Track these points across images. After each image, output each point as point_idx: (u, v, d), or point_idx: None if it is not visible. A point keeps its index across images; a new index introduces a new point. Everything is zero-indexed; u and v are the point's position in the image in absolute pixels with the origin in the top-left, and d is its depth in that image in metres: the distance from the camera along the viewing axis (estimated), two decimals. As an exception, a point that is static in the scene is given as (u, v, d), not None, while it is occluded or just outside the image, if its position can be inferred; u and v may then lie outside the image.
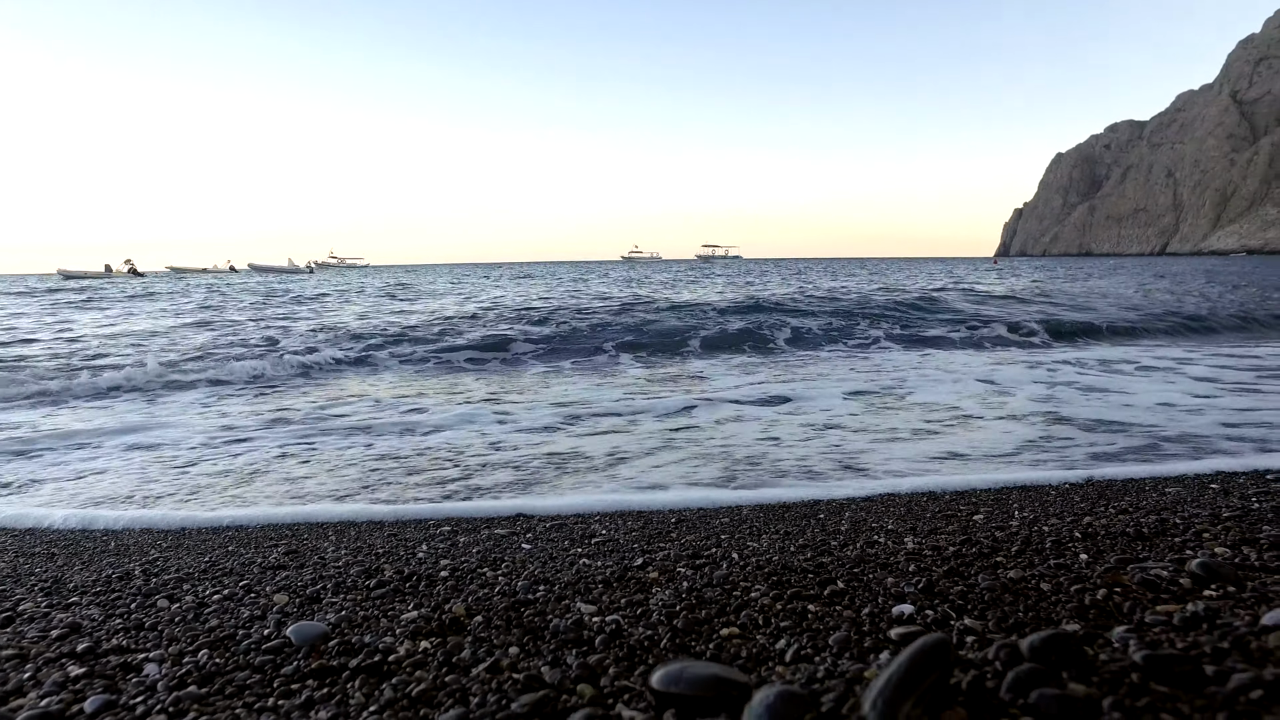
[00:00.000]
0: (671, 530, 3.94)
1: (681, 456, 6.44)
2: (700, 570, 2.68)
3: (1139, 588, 1.97)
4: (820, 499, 4.81)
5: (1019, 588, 2.08)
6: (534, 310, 23.37)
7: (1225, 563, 2.19)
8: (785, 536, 3.49)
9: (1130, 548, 2.79)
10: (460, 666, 1.66)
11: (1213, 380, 9.92)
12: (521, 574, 2.88)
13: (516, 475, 5.96)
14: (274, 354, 13.70)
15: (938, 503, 4.44)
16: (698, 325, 18.18)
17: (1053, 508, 4.06)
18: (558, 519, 4.60)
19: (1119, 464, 5.80)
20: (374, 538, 4.21)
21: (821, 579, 2.37)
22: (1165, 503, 4.00)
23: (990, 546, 2.87)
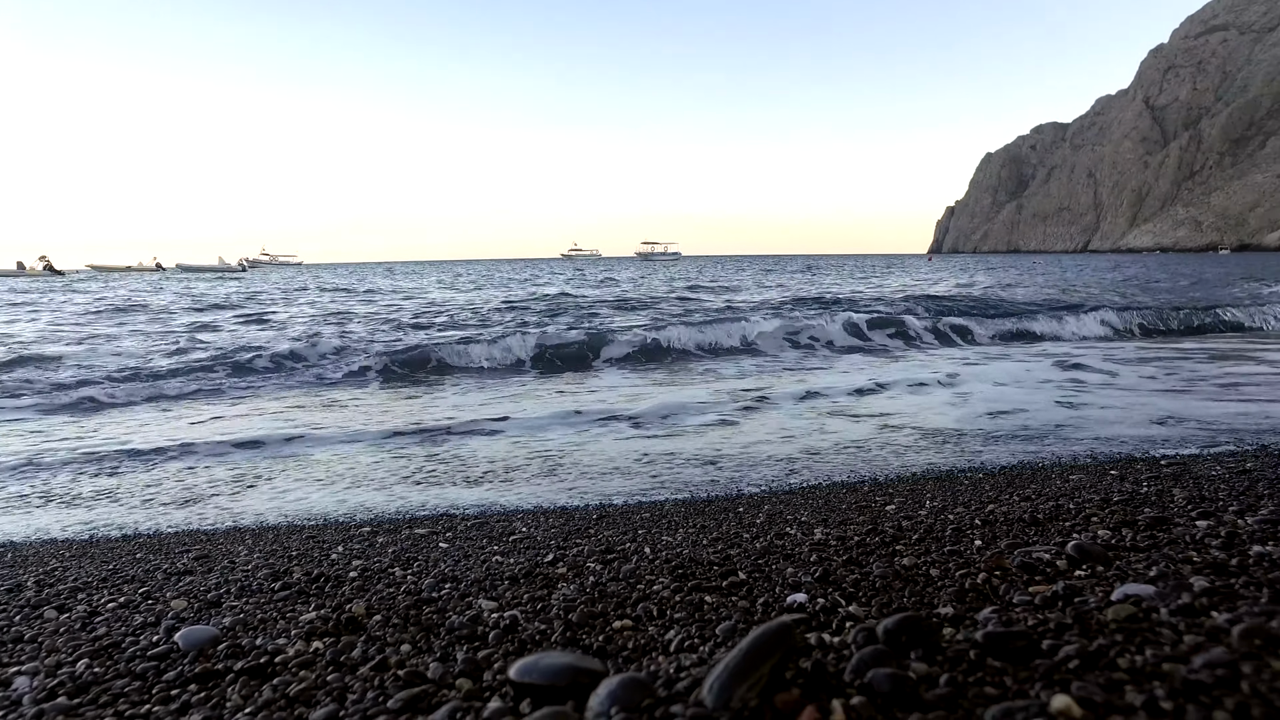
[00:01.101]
0: (592, 526, 3.96)
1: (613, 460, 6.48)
2: (610, 565, 2.71)
3: (1018, 570, 2.06)
4: (743, 493, 4.91)
5: (910, 574, 2.16)
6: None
7: (1098, 544, 2.31)
8: (701, 530, 3.54)
9: (1023, 533, 2.92)
10: (347, 665, 1.65)
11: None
12: (431, 572, 2.87)
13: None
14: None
15: (856, 494, 4.56)
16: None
17: (962, 496, 4.20)
18: (482, 517, 4.58)
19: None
20: (291, 540, 4.13)
21: (725, 571, 2.42)
22: (1066, 489, 4.18)
23: (894, 535, 2.96)
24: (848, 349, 14.42)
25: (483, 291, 36.69)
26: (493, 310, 23.59)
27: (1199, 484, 3.94)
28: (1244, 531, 2.50)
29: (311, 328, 18.27)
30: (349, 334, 16.22)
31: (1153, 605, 1.38)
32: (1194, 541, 2.41)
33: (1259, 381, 9.62)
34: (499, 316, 21.37)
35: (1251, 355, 12.34)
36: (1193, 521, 2.80)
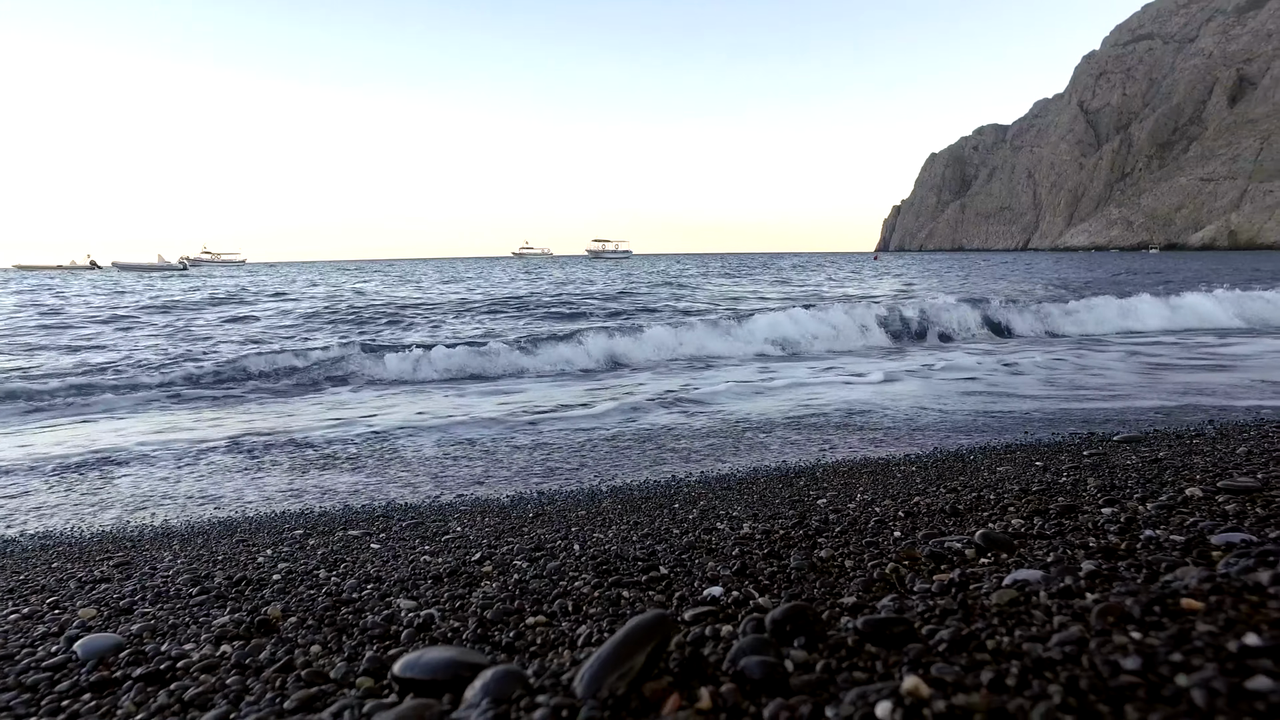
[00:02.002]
0: (527, 525, 3.96)
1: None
2: (536, 562, 2.71)
3: (927, 560, 2.13)
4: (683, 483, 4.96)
5: (825, 566, 2.21)
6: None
7: (1006, 533, 2.40)
8: (634, 527, 3.56)
9: (943, 524, 3.00)
10: (252, 668, 1.62)
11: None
12: (356, 573, 2.83)
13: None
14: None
15: (792, 488, 4.63)
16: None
17: (893, 489, 4.30)
18: (418, 517, 4.54)
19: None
20: (220, 545, 4.03)
21: (647, 566, 2.45)
22: (992, 480, 4.31)
23: (819, 528, 3.02)
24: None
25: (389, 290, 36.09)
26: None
27: (1113, 473, 4.09)
28: (1141, 517, 2.62)
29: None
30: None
31: (1035, 589, 1.44)
32: (1095, 528, 2.51)
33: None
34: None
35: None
36: (1099, 509, 2.92)
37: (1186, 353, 12.65)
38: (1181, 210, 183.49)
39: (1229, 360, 11.58)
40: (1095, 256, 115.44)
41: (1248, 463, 3.98)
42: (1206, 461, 4.23)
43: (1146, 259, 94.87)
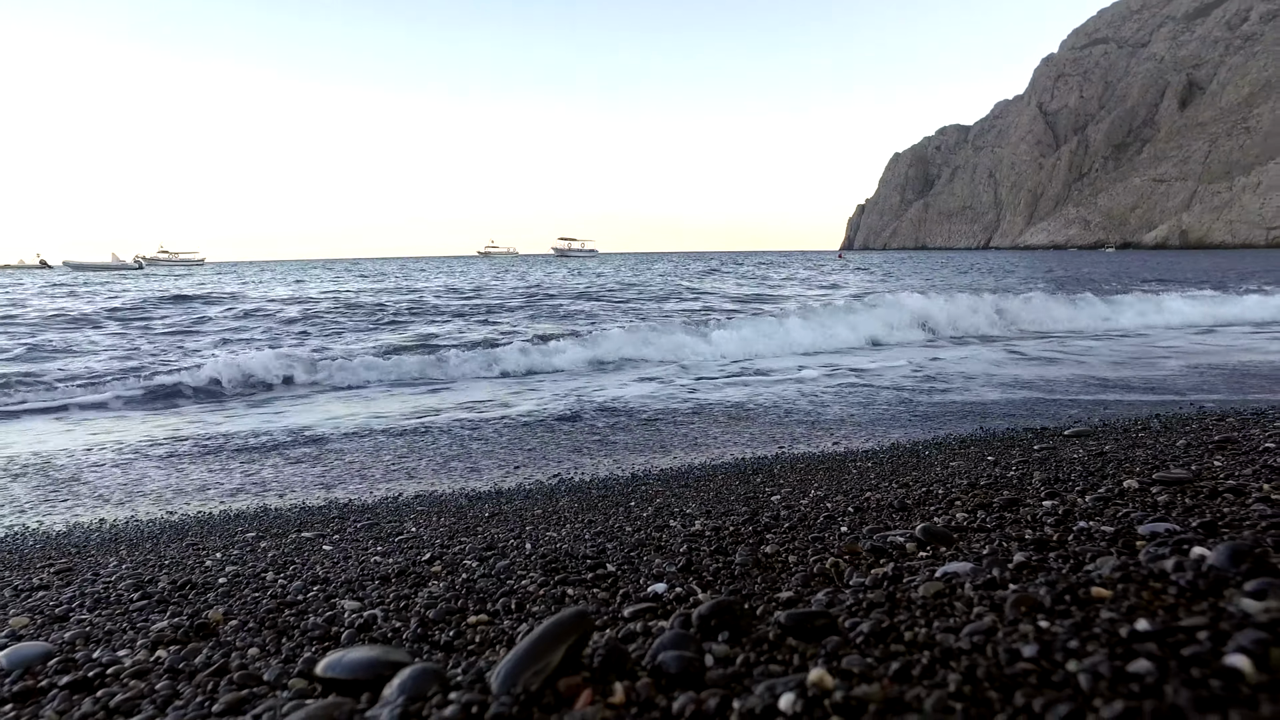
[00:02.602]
0: (483, 524, 3.95)
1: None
2: (486, 562, 2.71)
3: (868, 554, 2.16)
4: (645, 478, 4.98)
5: (769, 562, 2.24)
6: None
7: (946, 527, 2.45)
8: (588, 525, 3.57)
9: (890, 518, 3.05)
10: (185, 672, 1.60)
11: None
12: (304, 575, 2.80)
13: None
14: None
15: (748, 485, 4.67)
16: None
17: (847, 484, 4.36)
18: (374, 518, 4.50)
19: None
20: (169, 549, 3.96)
21: (595, 564, 2.46)
22: (943, 475, 4.38)
23: (768, 524, 3.05)
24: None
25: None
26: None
27: (1059, 467, 4.18)
28: (1078, 509, 2.69)
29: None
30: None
31: (961, 581, 1.47)
32: (1033, 520, 2.58)
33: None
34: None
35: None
36: (1040, 501, 2.99)
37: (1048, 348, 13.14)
38: (1136, 210, 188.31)
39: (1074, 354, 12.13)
40: (1052, 255, 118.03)
41: (1185, 455, 4.10)
42: (1148, 454, 4.33)
43: (1101, 257, 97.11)
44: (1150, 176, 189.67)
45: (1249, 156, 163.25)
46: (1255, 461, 3.51)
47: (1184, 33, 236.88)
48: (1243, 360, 11.16)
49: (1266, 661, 0.84)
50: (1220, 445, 4.22)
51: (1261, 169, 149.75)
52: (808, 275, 47.70)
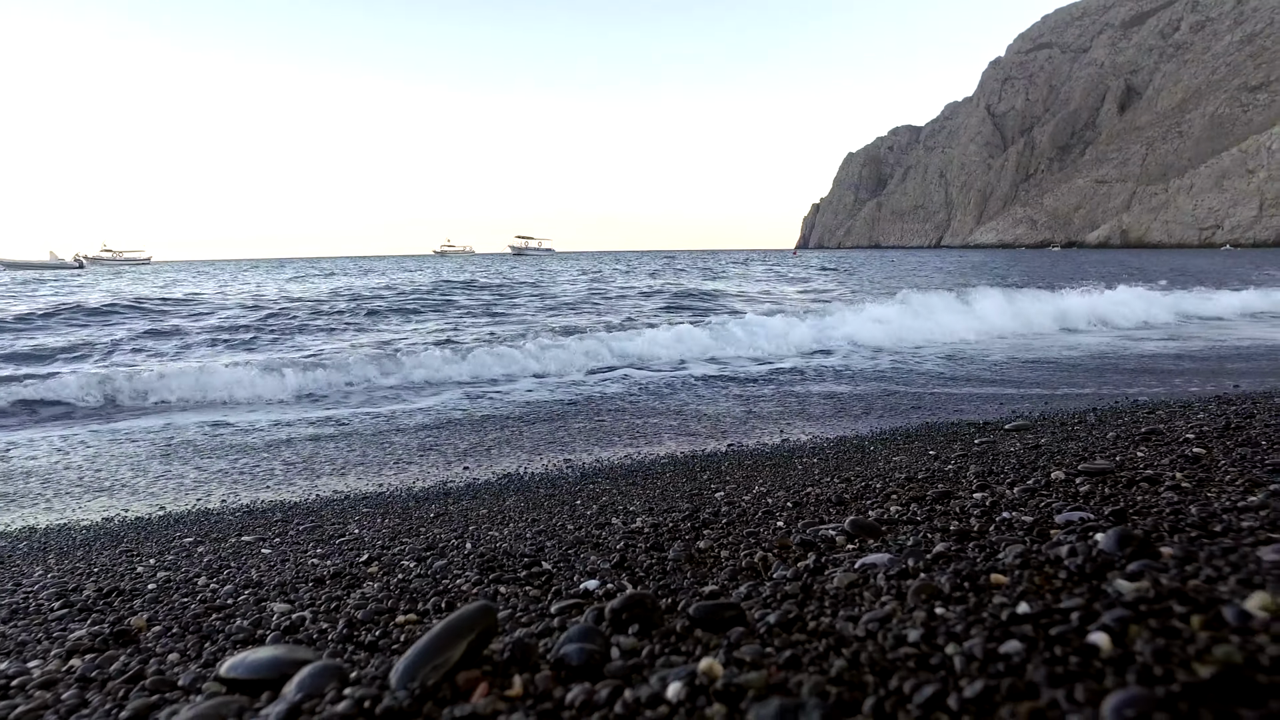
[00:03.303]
0: (426, 525, 3.91)
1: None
2: (423, 562, 2.70)
3: (798, 548, 2.20)
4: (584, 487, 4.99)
5: (701, 557, 2.26)
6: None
7: (874, 520, 2.50)
8: (531, 524, 3.57)
9: (827, 512, 3.10)
10: (98, 680, 1.56)
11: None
12: (238, 579, 2.75)
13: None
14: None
15: (694, 483, 4.70)
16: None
17: (790, 480, 4.42)
18: (318, 521, 4.43)
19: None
20: (101, 556, 3.85)
21: (531, 562, 2.46)
22: (885, 469, 4.46)
23: (707, 520, 3.08)
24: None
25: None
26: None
27: (995, 460, 4.29)
28: (1005, 501, 2.77)
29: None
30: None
31: (876, 572, 1.52)
32: (961, 512, 2.64)
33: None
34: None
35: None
36: (971, 494, 3.06)
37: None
38: (1079, 210, 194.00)
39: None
40: (1002, 254, 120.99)
41: (1113, 446, 4.23)
42: (1079, 447, 4.46)
43: (1048, 256, 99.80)
44: (1093, 178, 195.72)
45: (1182, 160, 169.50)
46: (1174, 452, 3.64)
47: (1121, 40, 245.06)
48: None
49: (1124, 638, 0.89)
50: (1146, 437, 4.36)
51: (1194, 172, 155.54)
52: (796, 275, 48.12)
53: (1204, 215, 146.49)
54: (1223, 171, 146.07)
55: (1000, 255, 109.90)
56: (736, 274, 45.23)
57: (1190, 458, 3.38)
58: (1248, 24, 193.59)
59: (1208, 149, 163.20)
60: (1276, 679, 0.74)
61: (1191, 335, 14.66)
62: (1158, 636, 0.87)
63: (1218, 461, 3.20)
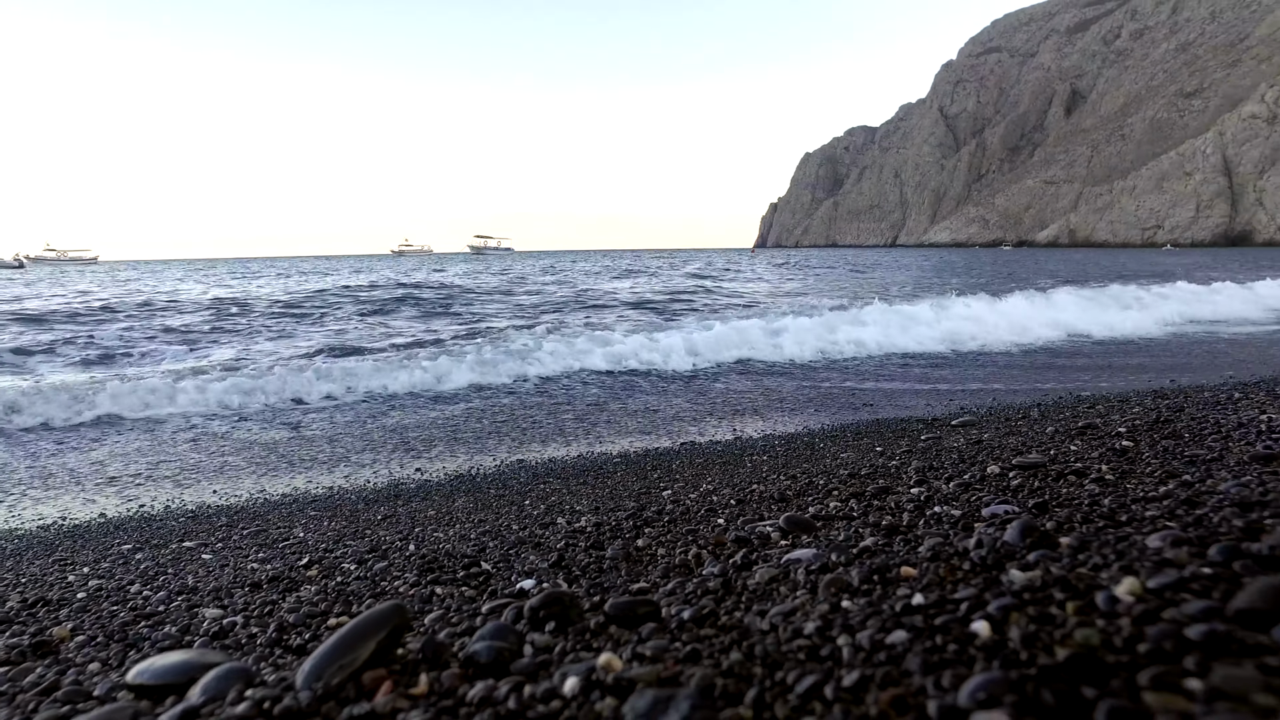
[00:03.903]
0: (373, 527, 3.88)
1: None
2: (364, 564, 2.68)
3: (733, 544, 2.23)
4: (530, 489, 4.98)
5: (639, 555, 2.28)
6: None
7: (812, 516, 2.55)
8: (478, 524, 3.56)
9: (767, 509, 3.14)
10: (7, 695, 1.52)
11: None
12: (172, 586, 2.70)
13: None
14: None
15: (643, 481, 4.73)
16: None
17: (739, 477, 4.47)
18: (263, 525, 4.35)
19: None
20: (33, 565, 3.73)
21: (471, 563, 2.46)
22: (830, 466, 4.53)
23: (651, 519, 3.11)
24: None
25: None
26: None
27: (938, 455, 4.38)
28: (939, 495, 2.84)
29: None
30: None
31: (798, 567, 1.55)
32: (896, 507, 2.70)
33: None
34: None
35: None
36: (909, 489, 3.13)
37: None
38: (1029, 210, 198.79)
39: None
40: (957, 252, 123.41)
41: (1050, 440, 4.35)
42: (1019, 441, 4.57)
43: (1001, 254, 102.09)
44: (1041, 179, 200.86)
45: (1125, 162, 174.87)
46: (1105, 445, 3.76)
47: (1067, 45, 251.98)
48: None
49: (1003, 625, 0.93)
50: (1081, 431, 4.47)
51: (1136, 174, 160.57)
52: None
53: (1146, 216, 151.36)
54: (1162, 174, 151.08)
55: (959, 254, 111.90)
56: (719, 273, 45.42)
57: (1118, 451, 3.49)
58: (1182, 33, 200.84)
59: (1148, 152, 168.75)
60: (1123, 658, 0.78)
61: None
62: (1032, 623, 0.91)
63: (1142, 454, 3.32)
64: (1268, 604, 0.83)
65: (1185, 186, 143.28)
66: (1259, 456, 2.79)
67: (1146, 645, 0.79)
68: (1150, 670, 0.73)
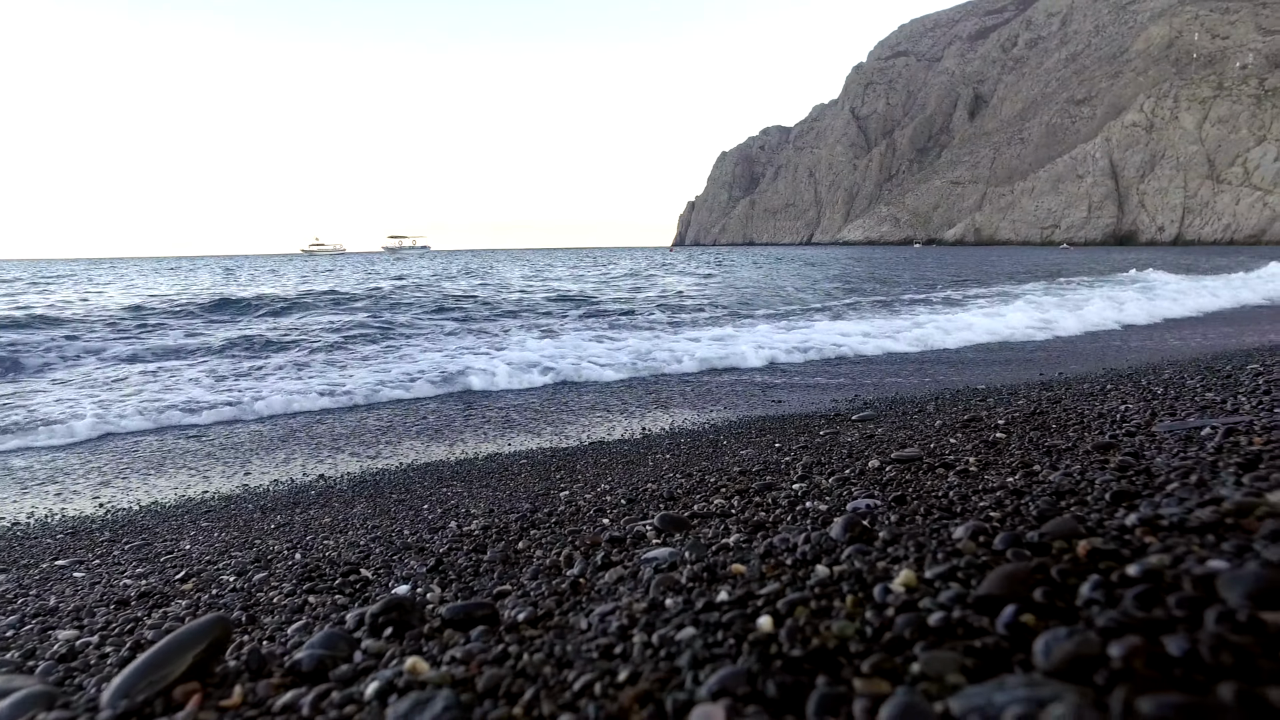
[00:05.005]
0: (263, 537, 3.79)
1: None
2: (244, 575, 2.63)
3: (607, 544, 2.28)
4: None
5: (516, 557, 2.32)
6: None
7: (691, 514, 2.63)
8: (370, 530, 3.52)
9: (655, 508, 3.20)
10: None
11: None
12: (30, 608, 2.59)
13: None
14: None
15: (546, 482, 4.74)
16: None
17: (639, 476, 4.53)
18: (149, 539, 4.19)
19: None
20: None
21: (350, 570, 2.44)
22: (726, 464, 4.62)
23: (540, 520, 3.14)
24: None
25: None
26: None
27: (831, 450, 4.52)
28: (817, 491, 2.94)
29: None
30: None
31: (648, 566, 1.62)
32: (772, 504, 2.81)
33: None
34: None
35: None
36: (791, 485, 3.24)
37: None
38: (938, 209, 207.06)
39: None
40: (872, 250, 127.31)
41: (935, 434, 4.55)
42: (907, 435, 4.77)
43: (911, 252, 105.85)
44: (948, 179, 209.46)
45: (1024, 164, 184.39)
46: (981, 437, 3.96)
47: (969, 51, 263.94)
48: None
49: (787, 618, 1.01)
50: (966, 424, 4.66)
51: (1034, 175, 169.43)
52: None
53: (1044, 216, 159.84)
54: (1058, 176, 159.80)
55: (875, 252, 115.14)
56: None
57: (990, 443, 3.68)
58: (1071, 44, 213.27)
59: (1045, 155, 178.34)
60: (863, 648, 0.87)
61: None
62: (813, 616, 1.00)
63: (1010, 446, 3.52)
64: (1002, 590, 0.94)
65: (1078, 189, 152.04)
66: (1100, 445, 3.02)
67: (890, 634, 0.88)
68: (872, 658, 0.82)
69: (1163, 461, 2.23)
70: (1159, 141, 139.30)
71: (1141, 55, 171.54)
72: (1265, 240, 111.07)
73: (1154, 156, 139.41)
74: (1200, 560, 0.94)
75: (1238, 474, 1.63)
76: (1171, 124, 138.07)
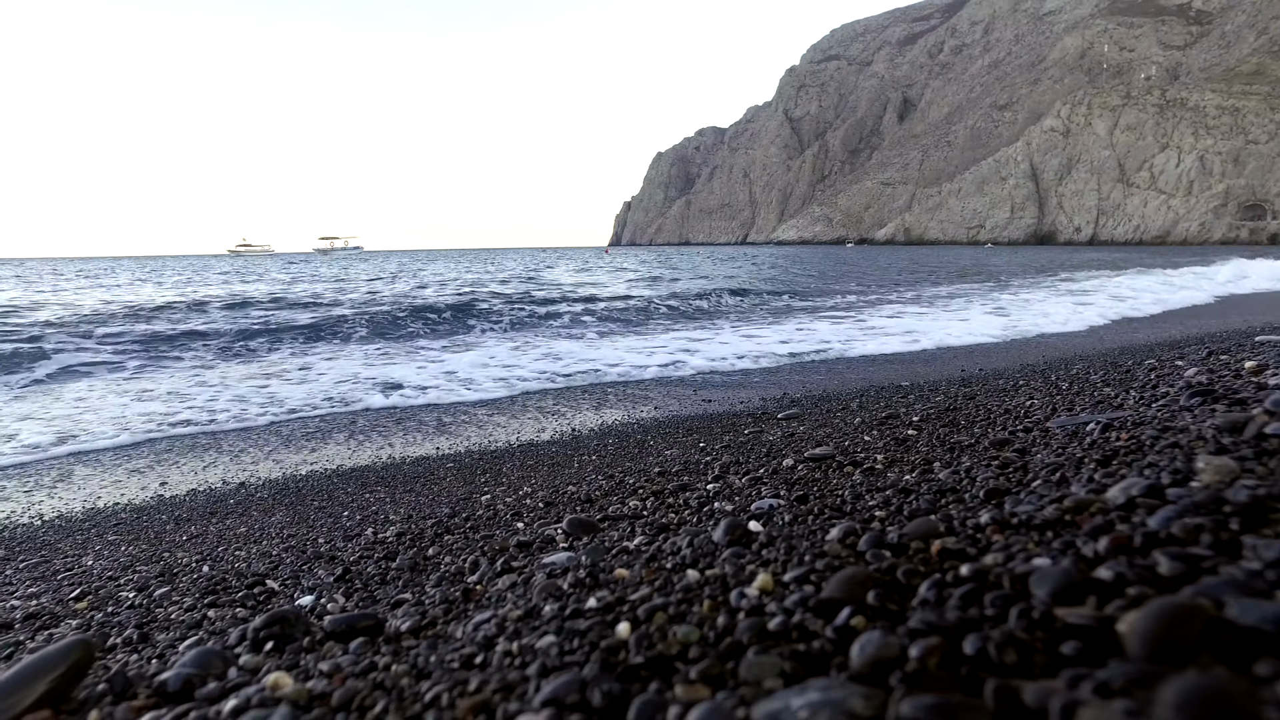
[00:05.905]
0: (170, 551, 3.68)
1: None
2: (145, 591, 2.56)
3: (515, 549, 2.31)
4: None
5: (427, 563, 2.33)
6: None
7: (602, 517, 2.67)
8: (285, 540, 3.46)
9: (572, 510, 3.23)
10: None
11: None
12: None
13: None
14: None
15: (470, 486, 4.71)
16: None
17: (561, 479, 4.54)
18: (49, 554, 4.01)
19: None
20: None
21: (254, 582, 2.41)
22: (648, 464, 4.66)
23: (456, 525, 3.13)
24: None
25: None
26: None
27: (751, 450, 4.59)
28: (729, 491, 3.00)
29: None
30: None
31: (546, 571, 1.65)
32: (683, 505, 2.86)
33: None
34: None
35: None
36: (705, 486, 3.29)
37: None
38: (869, 210, 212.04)
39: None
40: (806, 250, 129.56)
41: (853, 431, 4.63)
42: (826, 433, 4.86)
43: (844, 252, 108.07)
44: (879, 180, 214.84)
45: (951, 166, 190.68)
46: (894, 434, 4.05)
47: (898, 56, 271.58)
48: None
49: (646, 624, 1.05)
50: (883, 421, 4.74)
51: (961, 177, 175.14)
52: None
53: (970, 216, 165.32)
54: (983, 178, 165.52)
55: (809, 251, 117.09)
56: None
57: (900, 440, 3.77)
58: (994, 51, 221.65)
59: (970, 157, 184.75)
60: (700, 654, 0.91)
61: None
62: (670, 622, 1.04)
63: (918, 443, 3.63)
64: (842, 593, 1.00)
65: (1002, 190, 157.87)
66: (996, 442, 3.14)
67: (730, 639, 0.93)
68: (702, 664, 0.87)
69: (1041, 458, 2.36)
70: (1075, 146, 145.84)
71: (1058, 64, 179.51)
72: (1170, 241, 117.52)
73: (1071, 160, 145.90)
74: (1027, 558, 1.02)
75: (1094, 470, 1.74)
76: (1086, 130, 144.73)
